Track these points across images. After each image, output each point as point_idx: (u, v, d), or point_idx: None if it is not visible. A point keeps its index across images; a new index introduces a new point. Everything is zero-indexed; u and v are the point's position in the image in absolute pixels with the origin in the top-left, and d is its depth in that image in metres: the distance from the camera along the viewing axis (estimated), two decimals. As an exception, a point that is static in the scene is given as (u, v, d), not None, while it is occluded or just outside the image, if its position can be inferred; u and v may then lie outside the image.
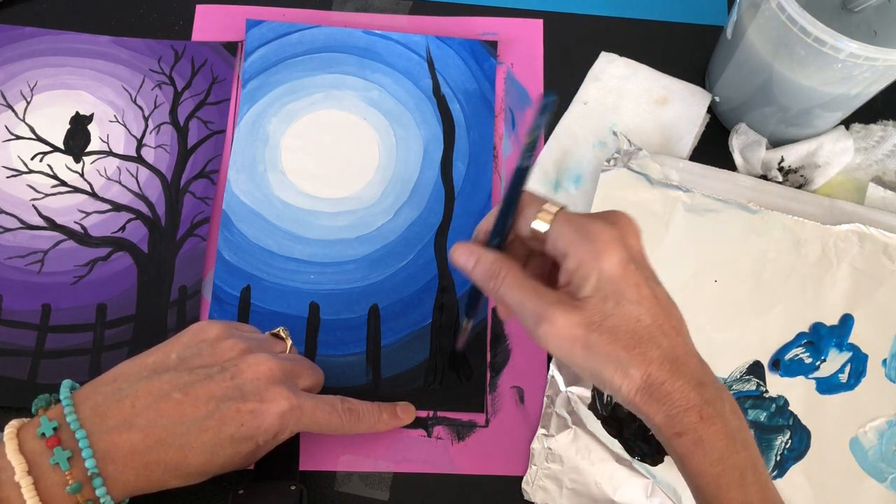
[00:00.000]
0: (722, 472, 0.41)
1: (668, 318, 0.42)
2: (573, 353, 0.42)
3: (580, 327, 0.41)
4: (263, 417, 0.45)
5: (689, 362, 0.41)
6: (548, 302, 0.42)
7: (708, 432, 0.40)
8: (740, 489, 0.41)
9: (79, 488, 0.41)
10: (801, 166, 0.64)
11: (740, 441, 0.41)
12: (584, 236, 0.41)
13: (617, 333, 0.41)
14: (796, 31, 0.52)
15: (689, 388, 0.41)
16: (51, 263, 0.59)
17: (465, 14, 0.70)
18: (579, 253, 0.41)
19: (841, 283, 0.60)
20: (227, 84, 0.66)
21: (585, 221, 0.42)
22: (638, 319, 0.41)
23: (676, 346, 0.41)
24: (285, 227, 0.62)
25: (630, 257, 0.42)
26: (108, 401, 0.43)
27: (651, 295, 0.42)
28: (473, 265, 0.45)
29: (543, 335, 0.42)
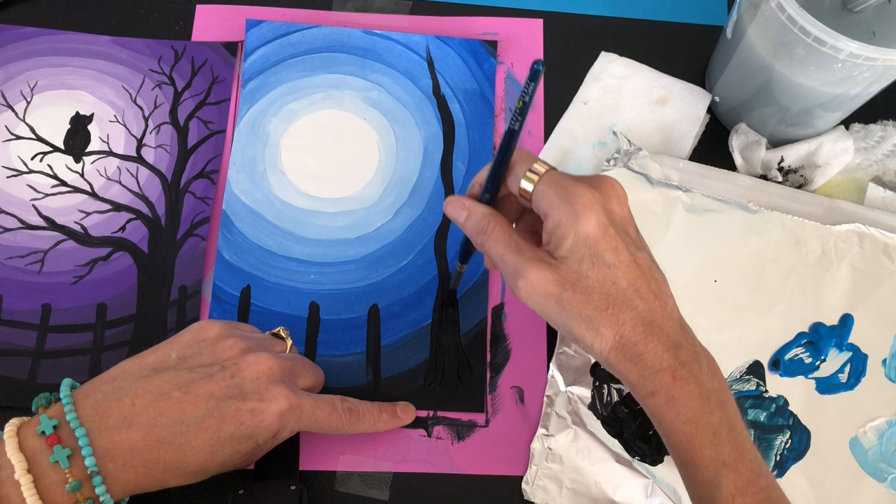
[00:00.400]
0: (695, 431, 0.42)
1: (646, 283, 0.43)
2: (547, 308, 0.44)
3: (554, 285, 0.43)
4: (263, 416, 0.45)
5: (666, 325, 0.43)
6: (526, 258, 0.44)
7: (681, 392, 0.42)
8: (713, 447, 0.42)
9: (78, 486, 0.41)
10: (800, 166, 0.64)
11: (715, 401, 0.42)
12: (564, 198, 0.43)
13: (590, 294, 0.43)
14: (796, 31, 0.52)
15: (662, 349, 0.42)
16: (51, 263, 0.59)
17: (465, 14, 0.70)
18: (558, 214, 0.43)
19: (841, 283, 0.60)
20: (227, 84, 0.66)
21: (569, 184, 0.43)
22: (613, 282, 0.42)
23: (653, 310, 0.43)
24: (285, 227, 0.62)
25: (610, 221, 0.43)
26: (108, 399, 0.44)
27: (630, 259, 0.43)
28: (465, 219, 0.47)
29: (519, 289, 0.44)
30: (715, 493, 0.42)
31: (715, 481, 0.42)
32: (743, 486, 0.41)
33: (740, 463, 0.42)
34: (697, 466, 0.42)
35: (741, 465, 0.42)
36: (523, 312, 0.60)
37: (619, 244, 0.43)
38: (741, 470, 0.42)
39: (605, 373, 0.57)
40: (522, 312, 0.60)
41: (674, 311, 0.44)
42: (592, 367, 0.57)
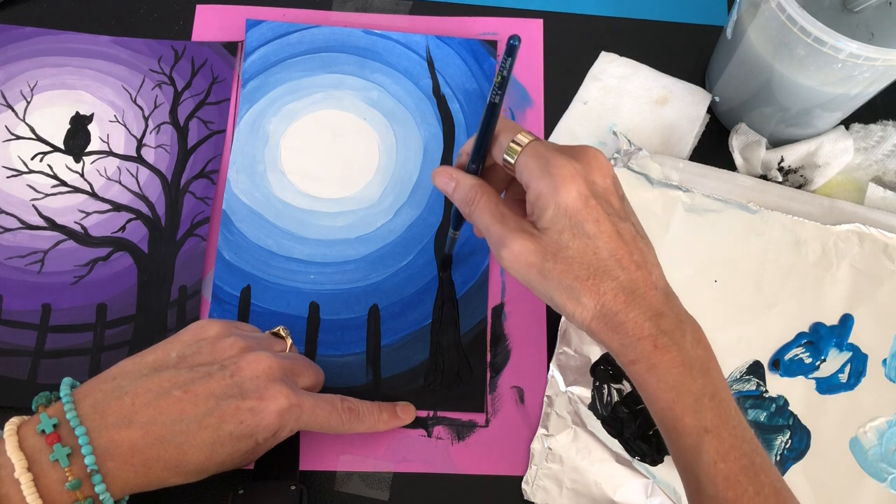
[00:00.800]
0: (676, 398, 0.42)
1: (628, 253, 0.44)
2: (529, 278, 0.45)
3: (535, 255, 0.44)
4: (263, 415, 0.45)
5: (648, 294, 0.43)
6: (510, 229, 0.45)
7: (661, 360, 0.42)
8: (695, 414, 0.42)
9: (78, 485, 0.41)
10: (800, 166, 0.64)
11: (698, 369, 0.43)
12: (545, 170, 0.43)
13: (571, 264, 0.43)
14: (796, 31, 0.52)
15: (643, 318, 0.43)
16: (51, 263, 0.59)
17: (465, 14, 0.70)
18: (539, 185, 0.44)
19: (841, 283, 0.60)
20: (227, 84, 0.66)
21: (550, 155, 0.44)
22: (594, 252, 0.43)
23: (635, 279, 0.43)
24: (285, 227, 0.62)
25: (591, 192, 0.43)
26: (108, 398, 0.44)
27: (611, 229, 0.43)
28: (452, 189, 0.48)
29: (503, 259, 0.45)
30: (697, 459, 0.42)
31: (697, 447, 0.42)
32: (725, 451, 0.42)
33: (723, 429, 0.42)
34: (680, 433, 0.43)
35: (724, 432, 0.42)
36: (523, 312, 0.60)
37: (601, 215, 0.43)
38: (724, 436, 0.42)
39: (605, 373, 0.57)
40: (522, 312, 0.60)
41: (658, 280, 0.45)
42: (592, 367, 0.57)
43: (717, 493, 0.42)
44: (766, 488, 0.42)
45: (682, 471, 0.44)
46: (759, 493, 0.42)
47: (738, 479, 0.42)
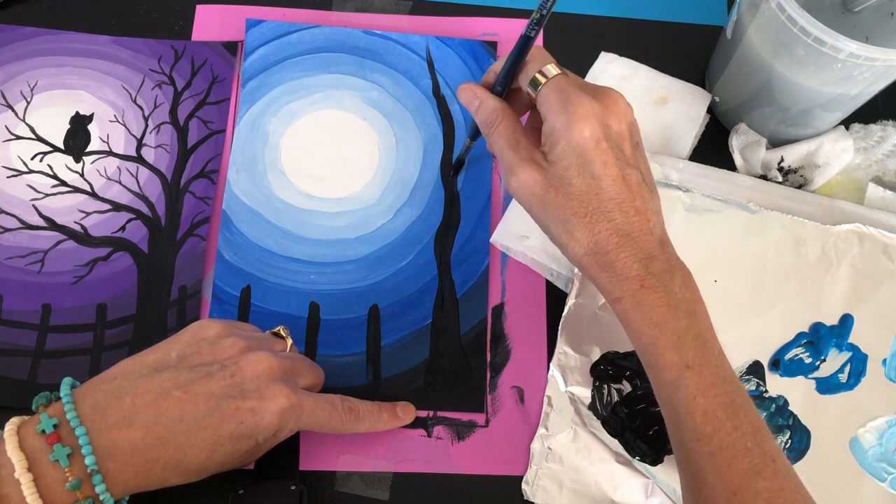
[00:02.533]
0: (659, 335, 0.44)
1: (630, 198, 0.45)
2: (531, 206, 0.47)
3: (539, 186, 0.46)
4: (263, 415, 0.45)
5: (643, 239, 0.45)
6: (521, 157, 0.47)
7: (647, 298, 0.44)
8: (676, 350, 0.43)
9: (78, 485, 0.41)
10: (800, 166, 0.64)
11: (684, 310, 0.44)
12: (563, 105, 0.45)
13: (571, 199, 0.45)
14: (796, 31, 0.52)
15: (633, 260, 0.44)
16: (51, 263, 0.59)
17: (465, 14, 0.70)
18: (554, 120, 0.45)
19: (841, 283, 0.60)
20: (226, 84, 0.66)
21: (571, 92, 0.45)
22: (596, 193, 0.44)
23: (631, 224, 0.45)
24: (285, 227, 0.62)
25: (604, 135, 0.45)
26: (108, 398, 0.43)
27: (617, 174, 0.45)
28: (476, 108, 0.50)
29: (510, 185, 0.48)
30: (676, 394, 0.43)
31: (677, 382, 0.43)
32: (705, 387, 0.43)
33: (704, 367, 0.43)
34: (661, 368, 0.44)
35: (705, 369, 0.43)
36: (523, 312, 0.60)
37: (609, 158, 0.45)
38: (704, 373, 0.43)
39: (605, 373, 0.57)
40: (522, 312, 0.60)
41: (655, 228, 0.46)
42: (592, 367, 0.57)
43: (695, 427, 0.43)
44: (744, 425, 0.43)
45: (663, 405, 0.45)
46: (736, 428, 0.42)
47: (717, 414, 0.42)
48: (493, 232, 0.62)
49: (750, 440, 0.42)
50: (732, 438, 0.42)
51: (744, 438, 0.42)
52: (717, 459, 0.42)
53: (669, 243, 0.46)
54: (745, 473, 0.42)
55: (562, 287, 0.61)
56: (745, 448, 0.42)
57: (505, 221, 0.61)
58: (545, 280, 0.61)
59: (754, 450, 0.42)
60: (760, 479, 0.42)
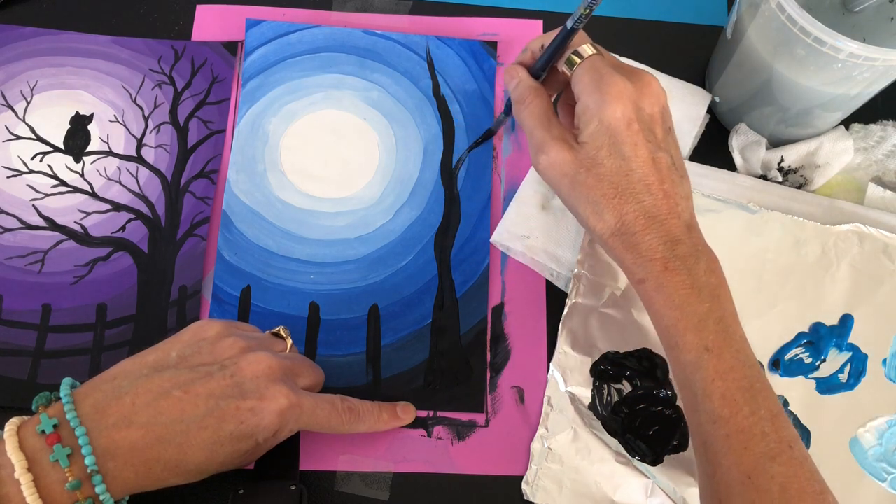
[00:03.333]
0: (680, 317, 0.44)
1: (659, 181, 0.45)
2: (560, 186, 0.48)
3: (570, 165, 0.47)
4: (263, 415, 0.45)
5: (669, 222, 0.45)
6: (552, 136, 0.47)
7: (670, 280, 0.44)
8: (697, 333, 0.44)
9: (78, 485, 0.41)
10: (800, 166, 0.64)
11: (707, 294, 0.44)
12: (597, 86, 0.46)
13: (601, 180, 0.46)
14: (796, 31, 0.52)
15: (658, 242, 0.45)
16: (51, 263, 0.59)
17: (465, 14, 0.70)
18: (587, 100, 0.46)
19: (841, 283, 0.60)
20: (227, 84, 0.66)
21: (606, 72, 0.46)
22: (626, 174, 0.45)
23: (660, 206, 0.45)
24: (285, 227, 0.62)
25: (637, 116, 0.45)
26: (108, 398, 0.43)
27: (647, 156, 0.45)
28: (513, 86, 0.52)
29: (539, 163, 0.48)
30: (695, 375, 0.44)
31: (696, 364, 0.43)
32: (724, 371, 0.43)
33: (724, 350, 0.43)
34: (681, 349, 0.44)
35: (725, 353, 0.43)
36: (523, 312, 0.60)
37: (640, 140, 0.45)
38: (724, 356, 0.43)
39: (605, 373, 0.57)
40: (522, 312, 0.60)
41: (683, 212, 0.46)
42: (592, 367, 0.57)
43: (713, 409, 0.43)
44: (761, 410, 0.43)
45: (681, 387, 0.45)
46: (754, 412, 0.42)
47: (735, 397, 0.43)
48: (493, 232, 0.62)
49: (767, 425, 0.42)
50: (749, 422, 0.42)
51: (761, 423, 0.42)
52: (733, 442, 0.42)
53: (697, 228, 0.47)
54: (761, 457, 0.42)
55: (562, 287, 0.61)
56: (761, 432, 0.42)
57: (505, 221, 0.61)
58: (545, 280, 0.61)
59: (771, 434, 0.42)
60: (776, 463, 0.42)
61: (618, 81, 0.46)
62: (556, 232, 0.61)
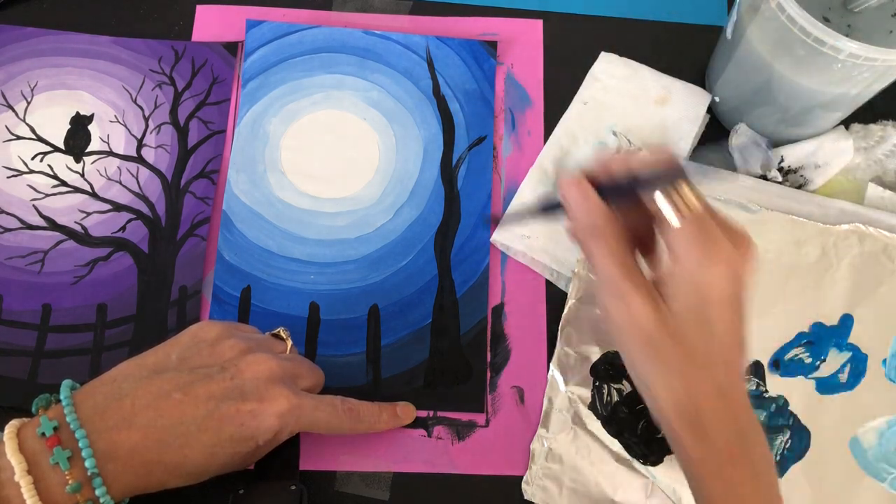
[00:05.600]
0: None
1: (739, 356, 0.41)
2: (633, 344, 0.41)
3: (655, 329, 0.40)
4: (263, 417, 0.45)
5: (737, 402, 0.41)
6: (635, 286, 0.40)
7: (733, 474, 0.41)
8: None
9: (78, 488, 0.41)
10: (800, 166, 0.64)
11: (764, 483, 0.41)
12: (705, 252, 0.39)
13: (684, 349, 0.40)
14: (796, 31, 0.51)
15: (728, 430, 0.40)
16: (51, 263, 0.59)
17: (465, 14, 0.70)
18: (690, 266, 0.39)
19: (841, 283, 0.60)
20: (227, 84, 0.66)
21: (716, 235, 0.39)
22: (708, 349, 0.40)
23: (733, 382, 0.41)
24: (285, 227, 0.62)
25: (735, 293, 0.40)
26: (108, 400, 0.43)
27: (735, 333, 0.40)
28: (581, 205, 0.42)
29: (612, 311, 0.41)
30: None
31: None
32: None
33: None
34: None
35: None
36: (523, 312, 0.60)
37: (735, 318, 0.40)
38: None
39: (605, 373, 0.57)
40: (522, 312, 0.60)
41: (744, 386, 0.42)
42: (592, 367, 0.57)
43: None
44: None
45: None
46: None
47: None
48: (493, 231, 0.62)
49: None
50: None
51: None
52: None
53: (749, 403, 0.42)
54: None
55: (562, 287, 0.61)
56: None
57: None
58: (545, 280, 0.61)
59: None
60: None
61: (727, 249, 0.39)
62: (556, 232, 0.61)
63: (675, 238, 0.40)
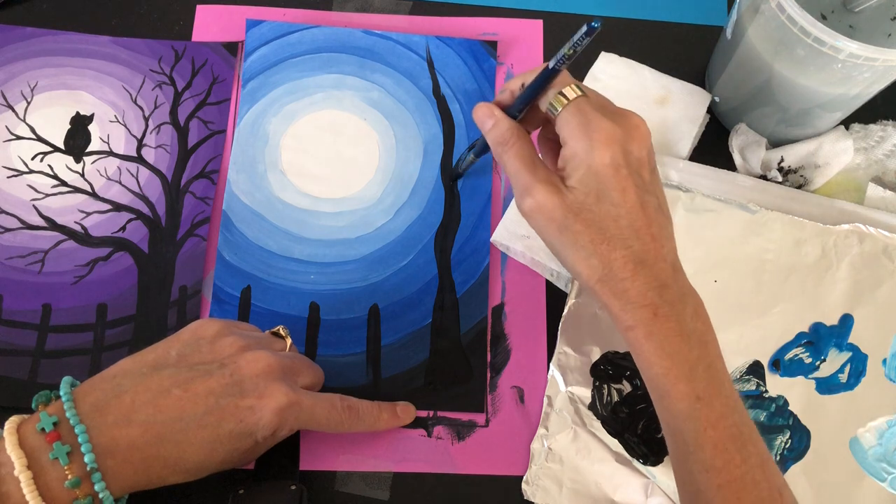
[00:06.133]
0: (671, 366, 0.43)
1: (647, 225, 0.44)
2: (548, 231, 0.46)
3: (559, 210, 0.45)
4: (262, 413, 0.45)
5: (657, 266, 0.44)
6: (538, 179, 0.46)
7: (660, 328, 0.43)
8: (688, 382, 0.43)
9: (78, 483, 0.41)
10: (800, 166, 0.64)
11: (696, 341, 0.44)
12: (585, 130, 0.44)
13: (590, 226, 0.44)
14: (796, 31, 0.52)
15: (648, 288, 0.44)
16: (51, 263, 0.59)
17: (465, 14, 0.70)
18: (575, 145, 0.45)
19: (841, 283, 0.60)
20: (227, 84, 0.66)
21: (593, 116, 0.45)
22: (615, 220, 0.44)
23: (648, 251, 0.44)
24: (285, 227, 0.62)
25: (625, 161, 0.44)
26: (108, 396, 0.44)
27: (636, 201, 0.44)
28: (489, 127, 0.49)
29: (525, 208, 0.46)
30: (686, 425, 0.43)
31: (688, 413, 0.43)
32: (715, 419, 0.43)
33: (715, 398, 0.43)
34: (672, 398, 0.43)
35: (715, 401, 0.43)
36: (523, 312, 0.60)
37: (629, 185, 0.44)
38: (715, 405, 0.43)
39: (605, 373, 0.57)
40: (522, 312, 0.60)
41: (669, 254, 0.45)
42: (592, 367, 0.57)
43: (705, 459, 0.43)
44: (752, 458, 0.43)
45: (671, 434, 0.45)
46: (745, 461, 0.43)
47: (727, 446, 0.43)
48: (493, 231, 0.62)
49: (758, 472, 0.43)
50: (741, 471, 0.42)
51: (752, 471, 0.42)
52: (726, 492, 0.42)
53: (681, 270, 0.46)
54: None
55: (562, 287, 0.61)
56: (753, 481, 0.42)
57: (505, 221, 0.61)
58: (545, 280, 0.61)
59: (762, 483, 0.42)
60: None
61: (606, 126, 0.44)
62: (556, 232, 0.61)
63: (560, 126, 0.46)
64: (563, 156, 0.46)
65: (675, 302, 0.44)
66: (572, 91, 0.46)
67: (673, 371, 0.43)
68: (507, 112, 0.50)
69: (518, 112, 0.49)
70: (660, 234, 0.45)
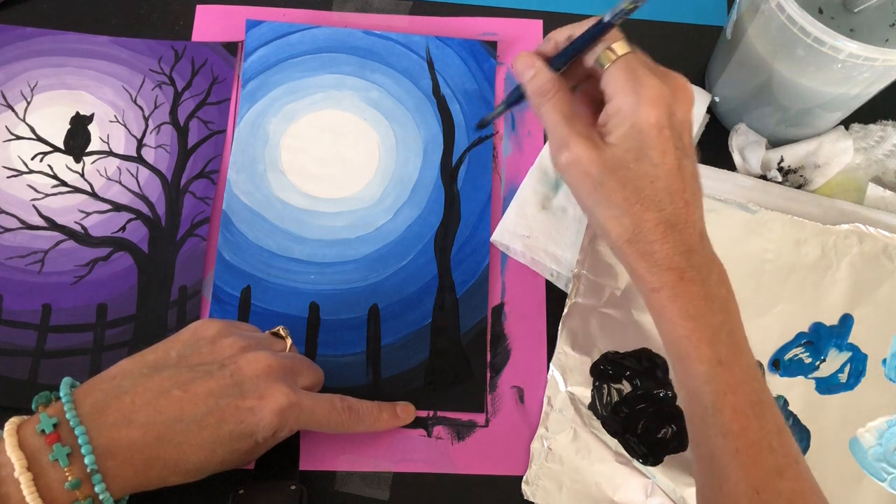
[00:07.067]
0: (694, 328, 0.43)
1: (682, 190, 0.44)
2: (581, 187, 0.46)
3: (595, 166, 0.44)
4: (262, 414, 0.45)
5: (686, 231, 0.44)
6: (576, 132, 0.45)
7: (686, 291, 0.43)
8: (711, 346, 0.43)
9: (78, 484, 0.41)
10: (800, 166, 0.64)
11: (719, 306, 0.44)
12: (632, 87, 0.44)
13: (625, 185, 0.44)
14: (796, 31, 0.52)
15: (675, 251, 0.44)
16: (51, 263, 0.59)
17: (465, 14, 0.70)
18: (621, 101, 0.44)
19: (841, 283, 0.60)
20: (227, 84, 0.66)
21: (642, 73, 0.45)
22: (652, 181, 0.44)
23: (679, 215, 0.44)
24: (285, 227, 0.62)
25: (668, 123, 0.44)
26: (108, 397, 0.44)
27: (675, 164, 0.44)
28: (531, 77, 0.48)
29: (562, 161, 0.46)
30: (705, 388, 0.43)
31: (708, 377, 0.43)
32: (735, 384, 0.43)
33: (735, 364, 0.43)
34: (693, 360, 0.43)
35: (736, 367, 0.43)
36: (523, 312, 0.60)
37: (670, 147, 0.44)
38: (735, 370, 0.43)
39: (605, 373, 0.57)
40: (522, 312, 0.60)
41: (698, 222, 0.45)
42: (592, 366, 0.57)
43: (723, 423, 0.42)
44: (769, 424, 0.43)
45: (689, 398, 0.45)
46: (762, 427, 0.42)
47: (745, 412, 0.42)
48: (493, 231, 0.62)
49: (775, 439, 0.42)
50: (759, 436, 0.42)
51: (769, 437, 0.42)
52: (743, 457, 0.42)
53: (707, 237, 0.46)
54: (769, 472, 0.42)
55: (562, 287, 0.61)
56: (769, 447, 0.42)
57: (505, 221, 0.61)
58: (545, 280, 0.61)
59: (778, 449, 0.42)
60: (783, 479, 0.42)
61: (654, 84, 0.44)
62: (556, 232, 0.61)
63: (607, 81, 0.46)
64: (606, 111, 0.46)
65: (700, 267, 0.44)
66: (621, 48, 0.46)
67: (696, 333, 0.43)
68: (550, 63, 0.49)
69: (562, 64, 0.48)
70: (692, 199, 0.45)
